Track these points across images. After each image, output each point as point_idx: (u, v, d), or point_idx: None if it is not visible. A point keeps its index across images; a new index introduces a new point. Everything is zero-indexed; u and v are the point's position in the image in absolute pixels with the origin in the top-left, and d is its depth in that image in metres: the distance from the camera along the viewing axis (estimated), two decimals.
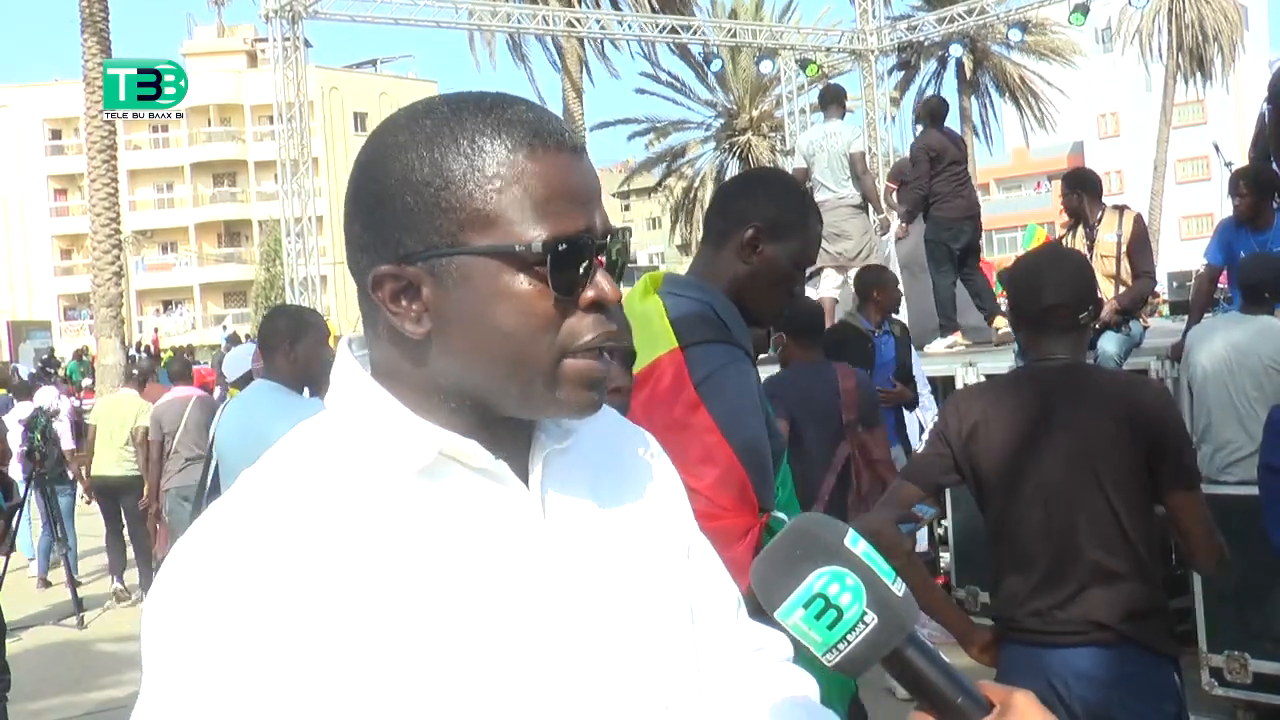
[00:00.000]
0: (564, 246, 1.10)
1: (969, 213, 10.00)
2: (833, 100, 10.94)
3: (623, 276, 1.19)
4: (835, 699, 1.88)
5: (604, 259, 1.15)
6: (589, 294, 1.13)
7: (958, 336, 9.79)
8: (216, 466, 4.84)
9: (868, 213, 10.39)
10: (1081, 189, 8.05)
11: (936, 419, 3.28)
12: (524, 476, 1.18)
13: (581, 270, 1.12)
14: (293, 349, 4.48)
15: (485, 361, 1.12)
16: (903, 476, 3.31)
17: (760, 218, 2.57)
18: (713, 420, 2.35)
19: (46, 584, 11.42)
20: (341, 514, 1.09)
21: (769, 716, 1.36)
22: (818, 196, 10.25)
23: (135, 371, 13.30)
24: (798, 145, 11.19)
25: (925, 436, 3.30)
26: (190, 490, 8.77)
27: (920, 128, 10.40)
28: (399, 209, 1.10)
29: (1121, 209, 7.88)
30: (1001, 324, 9.73)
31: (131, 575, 10.82)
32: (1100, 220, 7.78)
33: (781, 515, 2.49)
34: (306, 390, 4.55)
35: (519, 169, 1.10)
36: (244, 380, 5.99)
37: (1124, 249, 7.57)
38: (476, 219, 1.10)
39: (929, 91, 39.94)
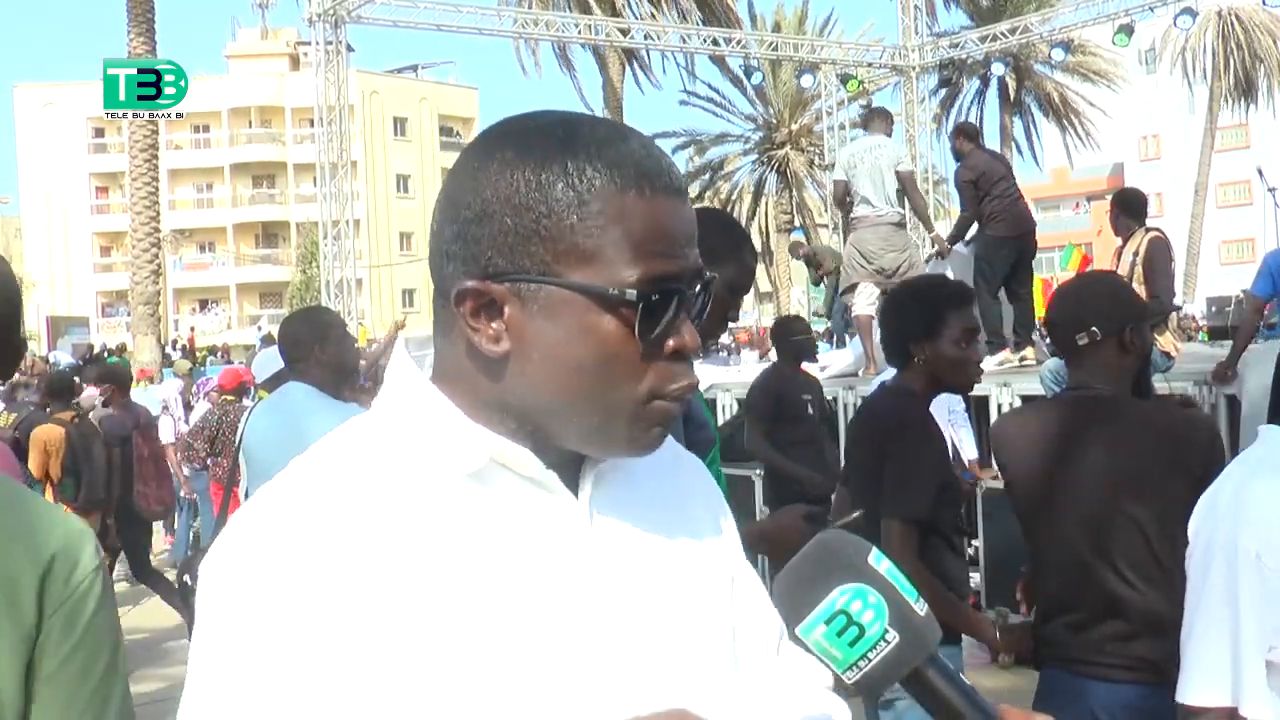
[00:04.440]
0: (656, 296, 1.10)
1: (1015, 231, 9.85)
2: (878, 116, 10.87)
3: (703, 316, 1.18)
4: None
5: (691, 304, 1.15)
6: (672, 343, 1.13)
7: (1007, 353, 9.62)
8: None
9: (906, 230, 10.28)
10: (1118, 207, 8.05)
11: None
12: (574, 489, 1.18)
13: (669, 318, 1.12)
14: (323, 351, 4.48)
15: (559, 392, 1.12)
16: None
17: (698, 245, 2.75)
18: None
19: None
20: (390, 508, 1.10)
21: None
22: (858, 211, 10.13)
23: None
24: (839, 159, 11.04)
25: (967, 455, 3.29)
26: None
27: (960, 158, 10.20)
28: (497, 227, 1.10)
29: (1147, 230, 7.84)
30: (1029, 355, 9.66)
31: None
32: (1130, 239, 7.77)
33: None
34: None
35: (624, 209, 1.09)
36: (273, 382, 6.00)
37: (1140, 269, 7.52)
38: (573, 252, 1.09)
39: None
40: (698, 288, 1.15)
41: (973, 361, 3.62)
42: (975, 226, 10.20)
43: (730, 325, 3.29)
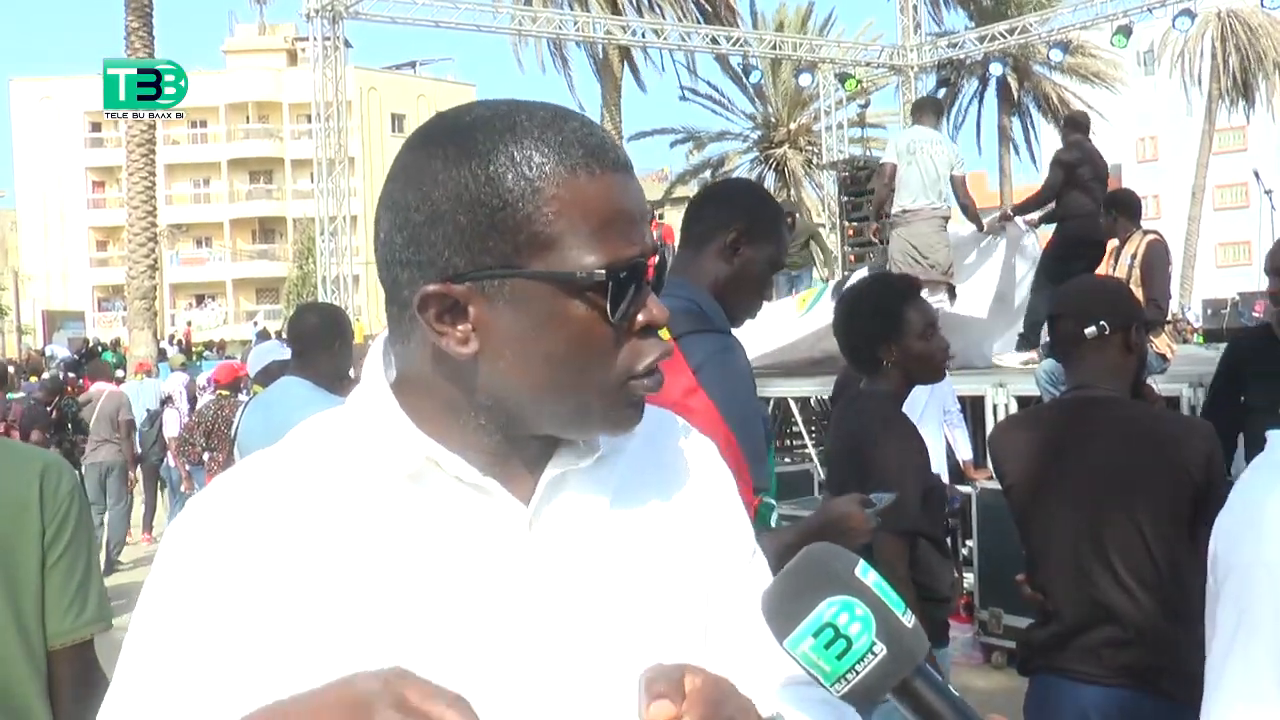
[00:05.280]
0: (624, 274, 1.09)
1: (1094, 236, 9.11)
2: (931, 109, 10.57)
3: (659, 290, 1.18)
4: None
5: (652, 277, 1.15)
6: (641, 318, 1.13)
7: (1034, 355, 9.26)
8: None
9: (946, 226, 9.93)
10: (1115, 208, 8.00)
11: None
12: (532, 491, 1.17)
13: (635, 294, 1.11)
14: (341, 349, 4.52)
15: (536, 384, 1.11)
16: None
17: (740, 221, 2.73)
18: (711, 403, 2.38)
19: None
20: (327, 505, 1.11)
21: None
22: (911, 203, 9.69)
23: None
24: (895, 141, 10.40)
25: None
26: (101, 465, 11.82)
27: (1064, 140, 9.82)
28: (450, 228, 1.08)
29: (1146, 232, 7.81)
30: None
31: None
32: (1127, 240, 7.74)
33: (770, 500, 2.62)
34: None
35: (578, 192, 1.09)
36: (263, 375, 5.99)
37: (1137, 272, 7.48)
38: (534, 242, 1.08)
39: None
40: (655, 261, 1.14)
41: (940, 350, 3.57)
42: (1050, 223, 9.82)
43: None
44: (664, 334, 2.54)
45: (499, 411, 1.14)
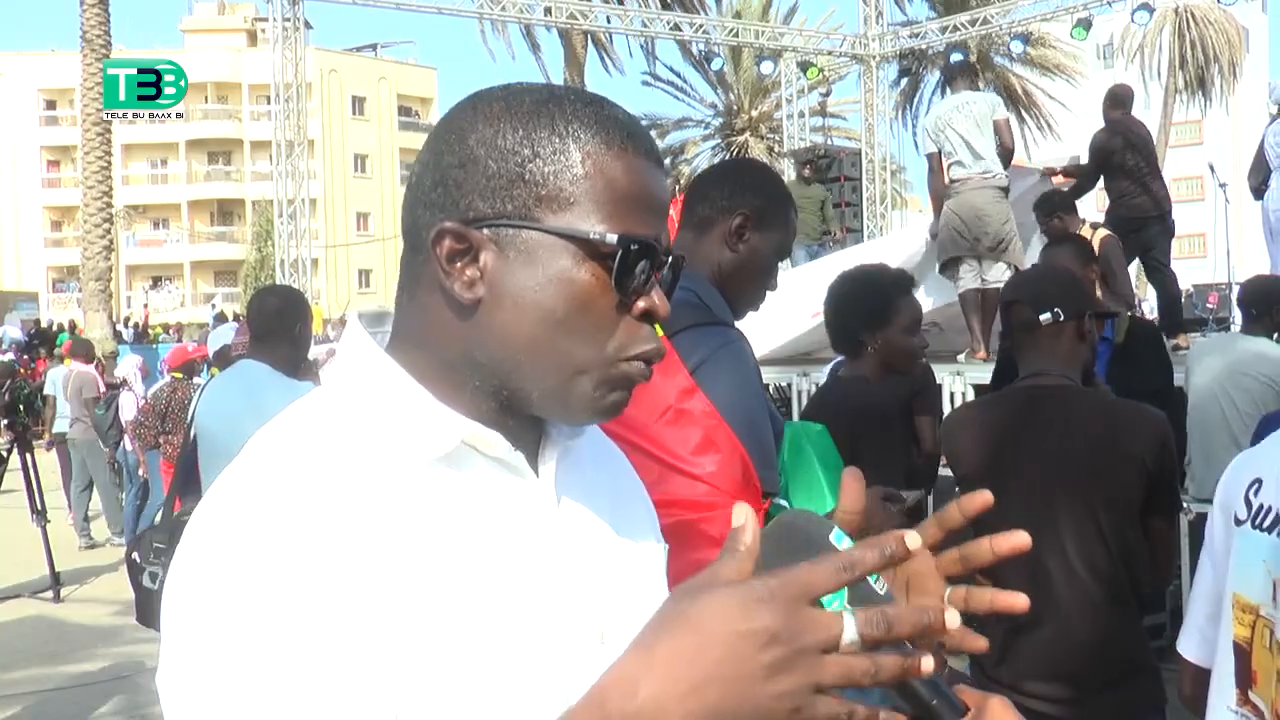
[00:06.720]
0: (635, 247, 1.10)
1: (1150, 212, 9.18)
2: (960, 73, 9.74)
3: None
4: None
5: (660, 275, 1.15)
6: (642, 304, 1.13)
7: None
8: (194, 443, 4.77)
9: (1007, 195, 8.81)
10: (1059, 210, 8.10)
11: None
12: (535, 469, 1.18)
13: (643, 276, 1.12)
14: (302, 331, 4.50)
15: (527, 343, 1.11)
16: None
17: (748, 206, 2.55)
18: (711, 404, 2.30)
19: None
20: (360, 495, 1.06)
21: None
22: (957, 173, 8.68)
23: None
24: (925, 126, 9.37)
25: None
26: (76, 444, 12.47)
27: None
28: (479, 171, 1.11)
29: (1096, 227, 7.86)
30: (1184, 341, 8.99)
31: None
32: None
33: (783, 502, 2.48)
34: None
35: (608, 163, 1.11)
36: (218, 357, 5.94)
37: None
38: (555, 198, 1.10)
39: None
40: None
41: (919, 347, 3.69)
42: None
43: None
44: (658, 331, 2.45)
45: (493, 374, 1.13)
